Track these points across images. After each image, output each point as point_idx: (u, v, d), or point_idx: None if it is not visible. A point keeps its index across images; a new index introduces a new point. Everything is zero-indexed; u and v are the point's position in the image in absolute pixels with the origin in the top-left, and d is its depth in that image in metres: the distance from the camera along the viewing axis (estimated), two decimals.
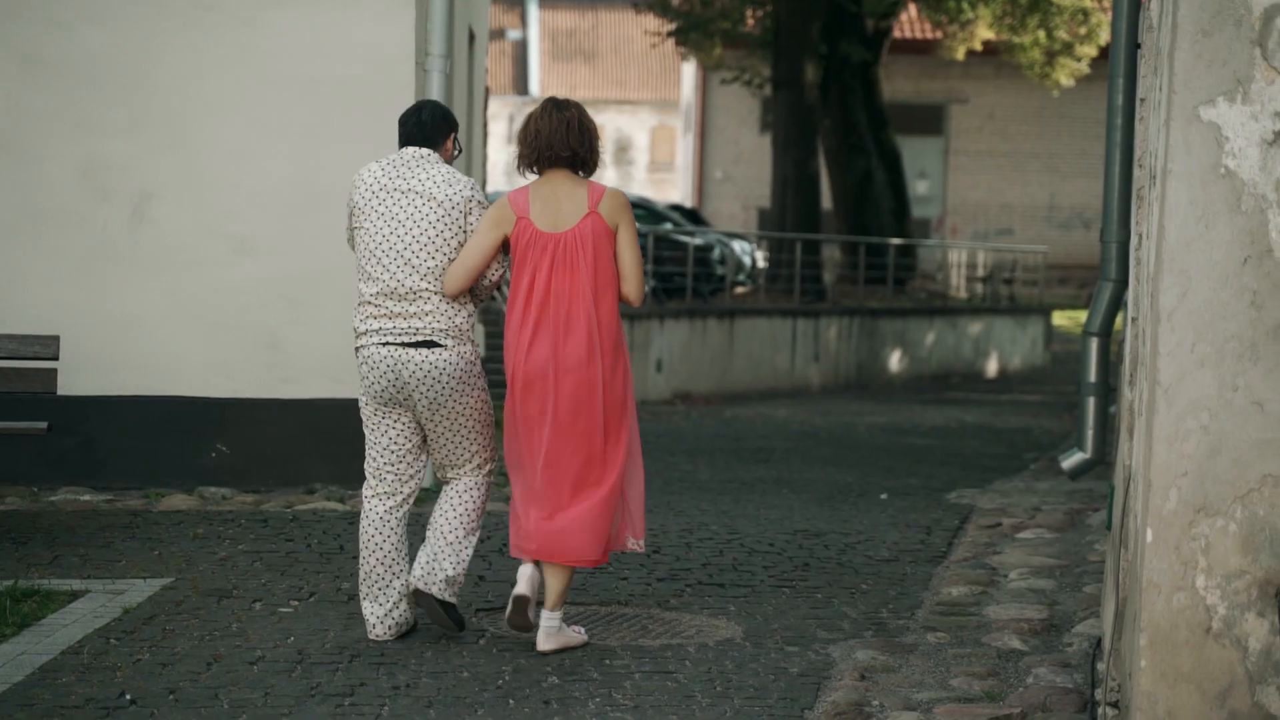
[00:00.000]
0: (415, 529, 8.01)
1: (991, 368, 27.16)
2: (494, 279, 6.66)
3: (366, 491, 6.70)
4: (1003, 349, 27.47)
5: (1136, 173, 5.70)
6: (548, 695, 5.88)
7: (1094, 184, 34.21)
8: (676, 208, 29.54)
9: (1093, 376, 9.67)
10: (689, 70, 42.35)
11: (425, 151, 6.66)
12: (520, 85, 63.05)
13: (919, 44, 36.00)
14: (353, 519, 9.24)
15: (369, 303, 6.58)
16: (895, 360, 25.18)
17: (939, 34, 32.72)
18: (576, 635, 6.63)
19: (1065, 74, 30.39)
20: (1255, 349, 4.18)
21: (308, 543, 8.53)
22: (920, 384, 25.08)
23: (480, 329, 15.53)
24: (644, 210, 29.06)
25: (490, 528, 8.89)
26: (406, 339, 6.49)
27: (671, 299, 22.48)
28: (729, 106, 37.84)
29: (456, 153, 6.84)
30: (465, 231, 6.58)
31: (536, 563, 6.53)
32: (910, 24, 36.33)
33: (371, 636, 6.61)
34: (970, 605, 7.45)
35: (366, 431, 6.68)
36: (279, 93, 10.11)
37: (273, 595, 7.30)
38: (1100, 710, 5.25)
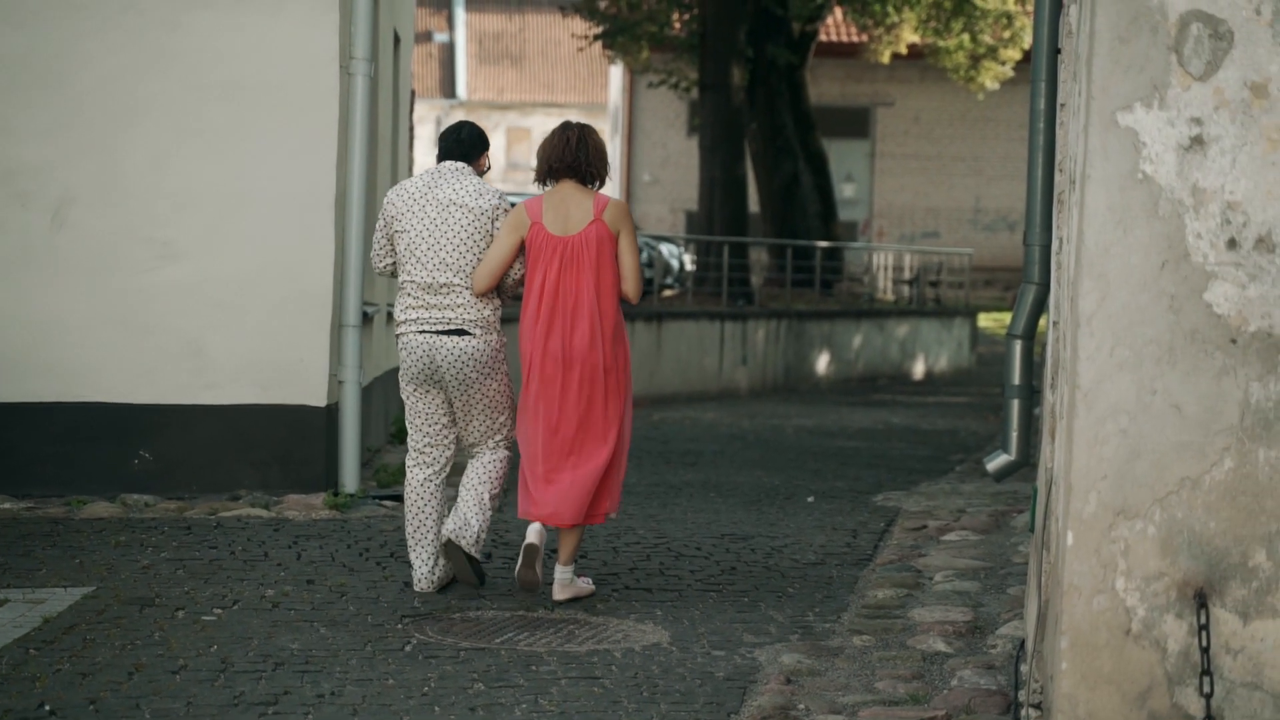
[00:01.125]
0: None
1: (918, 369, 27.29)
2: (516, 277, 7.67)
3: (409, 462, 7.77)
4: (929, 351, 27.61)
5: (1058, 177, 5.74)
6: (474, 702, 5.87)
7: (1019, 187, 34.43)
8: None
9: (1017, 379, 9.74)
10: (616, 73, 42.37)
11: (461, 165, 7.74)
12: (448, 88, 62.89)
13: (845, 47, 36.15)
14: (278, 525, 9.19)
15: (408, 298, 7.63)
16: (823, 363, 25.26)
17: (864, 38, 32.87)
18: (586, 586, 7.66)
19: (989, 77, 30.60)
20: (1173, 353, 4.21)
21: (231, 550, 8.47)
22: (848, 386, 25.17)
23: None
24: None
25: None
26: (440, 327, 7.55)
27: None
28: (656, 109, 37.89)
29: (487, 167, 7.90)
30: (492, 235, 7.62)
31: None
32: (836, 27, 36.47)
33: (417, 589, 7.62)
34: (896, 608, 7.48)
35: (407, 409, 7.73)
36: (202, 96, 10.04)
37: (196, 603, 7.25)
38: (1023, 712, 5.28)
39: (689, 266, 25.15)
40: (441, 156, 7.79)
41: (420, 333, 7.56)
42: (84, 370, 10.00)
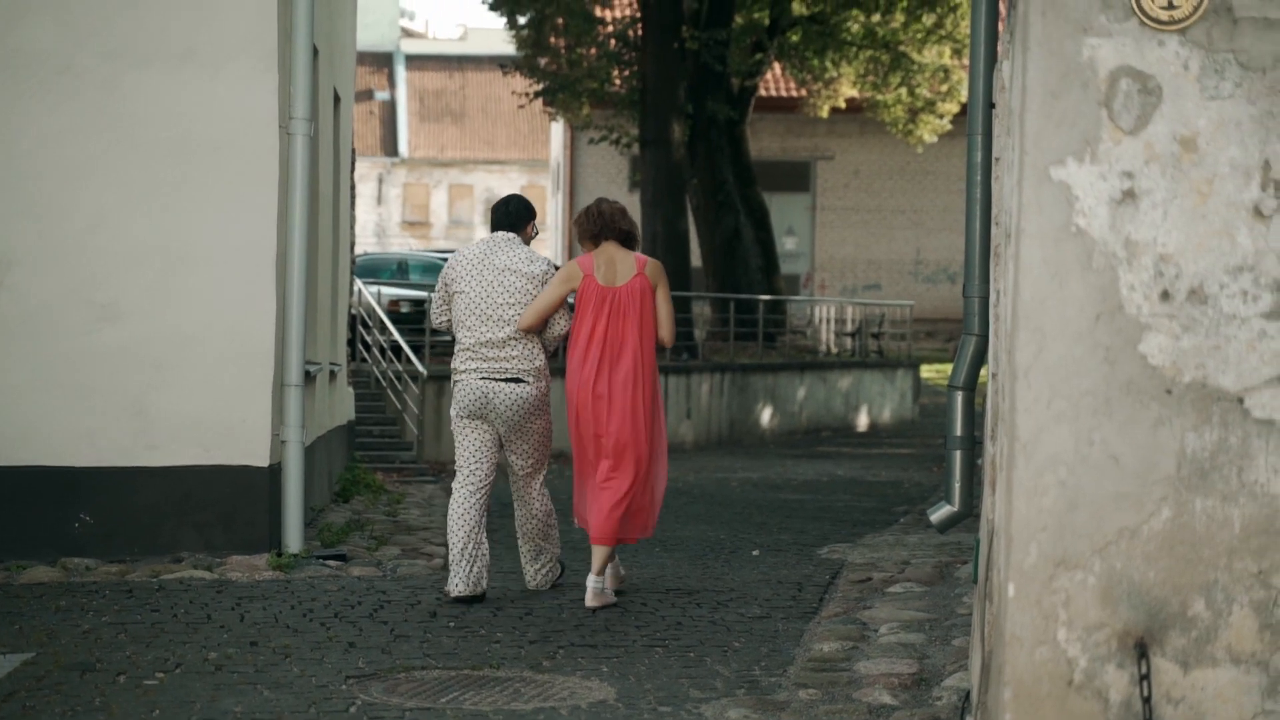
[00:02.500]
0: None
1: (862, 421, 27.39)
2: (559, 332, 8.89)
3: (456, 484, 8.92)
4: (872, 402, 27.72)
5: (994, 230, 5.80)
6: None
7: (959, 239, 34.67)
8: None
9: (959, 430, 9.79)
10: (557, 130, 42.50)
11: (511, 235, 8.94)
12: (389, 146, 62.92)
13: (784, 102, 36.39)
14: (220, 586, 9.13)
15: (467, 350, 8.84)
16: (767, 415, 25.31)
17: (803, 92, 33.10)
18: (613, 595, 8.85)
19: (928, 130, 30.85)
20: (1109, 404, 4.25)
21: (174, 613, 8.41)
22: (792, 439, 25.23)
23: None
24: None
25: (386, 594, 8.82)
26: (499, 375, 8.76)
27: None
28: (598, 165, 38.01)
29: (534, 233, 9.09)
30: None
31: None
32: (775, 83, 36.72)
33: (454, 595, 8.74)
34: (841, 661, 7.49)
35: (456, 440, 8.90)
36: (142, 156, 10.02)
37: (137, 667, 7.19)
38: None
39: None
40: (494, 227, 9.03)
41: (481, 379, 8.78)
42: (24, 433, 9.92)
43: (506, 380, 8.74)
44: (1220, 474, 4.16)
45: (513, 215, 9.02)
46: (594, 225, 8.85)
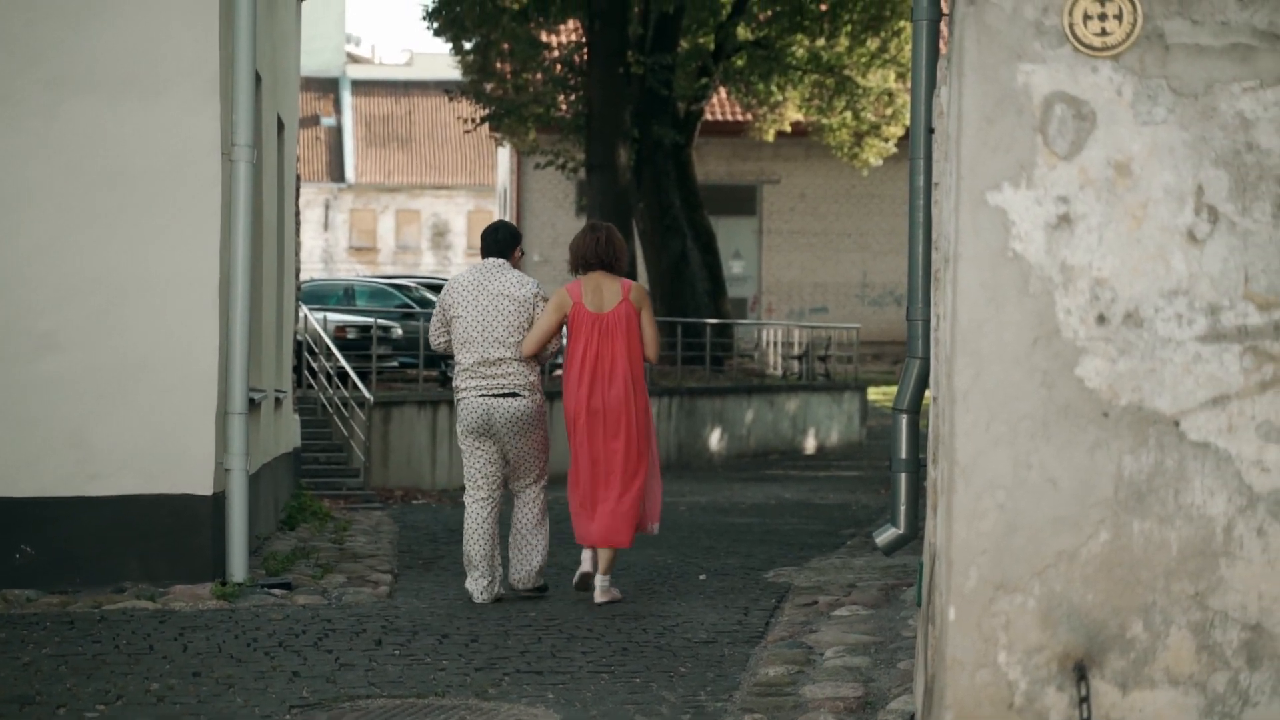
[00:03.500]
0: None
1: (810, 444, 27.44)
2: (553, 350, 9.84)
3: (467, 499, 9.72)
4: (820, 425, 27.78)
5: (934, 254, 5.82)
6: None
7: (905, 261, 34.76)
8: None
9: (904, 453, 9.80)
10: (504, 155, 42.50)
11: (501, 261, 9.75)
12: (336, 171, 62.78)
13: (730, 126, 36.50)
14: (164, 617, 9.07)
15: (467, 369, 9.65)
16: (715, 439, 25.34)
17: (749, 116, 33.22)
18: (618, 593, 9.78)
19: (873, 154, 31.01)
20: (1047, 428, 4.27)
21: (116, 644, 8.34)
22: (740, 462, 25.25)
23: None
24: None
25: (327, 626, 8.77)
26: (496, 391, 9.58)
27: None
28: (544, 190, 38.03)
29: (520, 255, 9.91)
30: (531, 316, 9.65)
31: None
32: (721, 106, 36.82)
33: (476, 602, 9.58)
34: (787, 685, 7.49)
35: (465, 457, 9.74)
36: (82, 184, 9.96)
37: (78, 700, 7.12)
38: None
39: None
40: (484, 254, 9.83)
41: (480, 396, 9.58)
42: None
43: (504, 395, 9.58)
44: (1157, 496, 4.19)
45: (501, 242, 9.81)
46: (581, 256, 9.74)
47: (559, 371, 10.51)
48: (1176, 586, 4.14)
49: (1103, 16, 4.16)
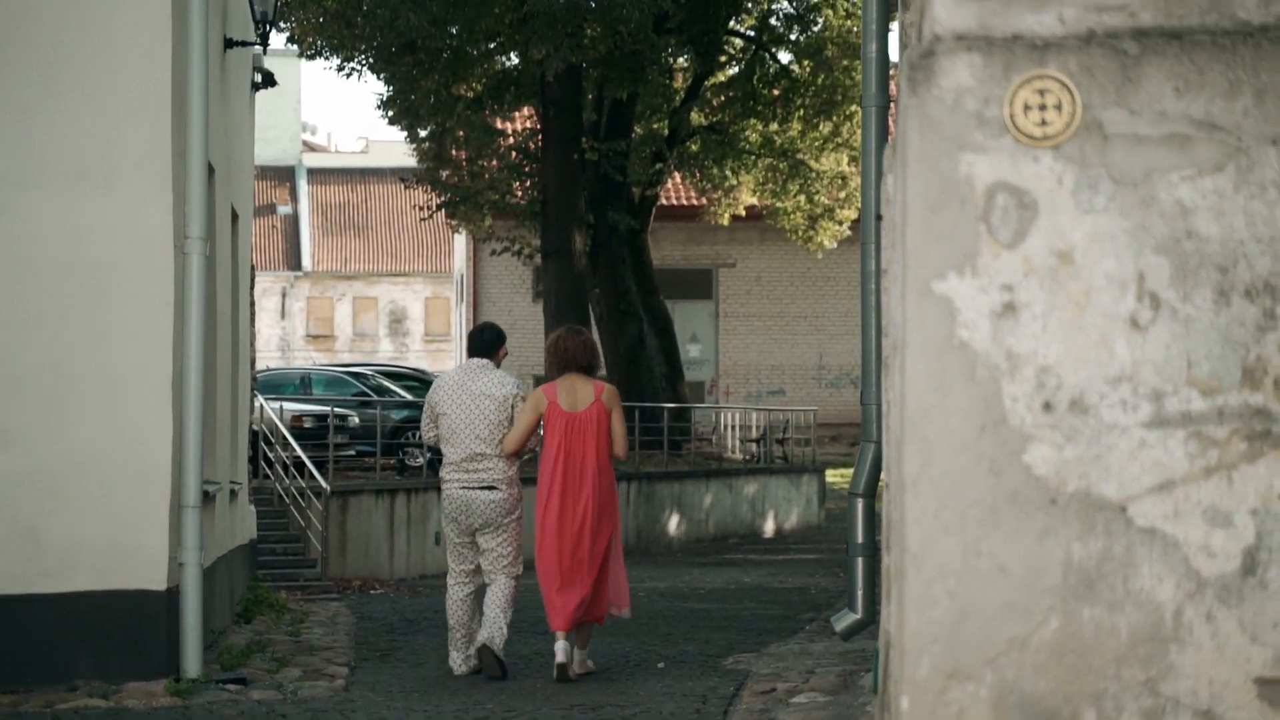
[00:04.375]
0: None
1: (769, 527, 27.41)
2: (532, 446, 10.48)
3: (450, 581, 10.50)
4: (779, 508, 27.76)
5: (885, 340, 5.85)
6: None
7: (860, 343, 34.93)
8: None
9: (860, 537, 9.80)
10: (460, 241, 42.58)
11: (485, 361, 10.47)
12: (292, 260, 62.76)
13: (685, 210, 36.68)
14: (117, 715, 8.97)
15: (453, 464, 10.32)
16: (674, 524, 25.29)
17: (704, 201, 33.40)
18: (593, 665, 10.58)
19: (828, 237, 31.19)
20: (996, 514, 4.28)
21: None
22: (700, 546, 25.20)
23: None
24: (418, 382, 29.00)
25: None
26: (476, 485, 10.27)
27: None
28: (501, 276, 38.08)
29: (503, 354, 10.64)
30: (511, 414, 10.34)
31: (565, 636, 10.11)
32: (676, 191, 37.01)
33: (456, 674, 10.32)
34: None
35: (447, 542, 10.48)
36: (33, 278, 9.93)
37: None
38: None
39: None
40: (470, 354, 10.59)
41: (462, 488, 10.28)
42: None
43: (483, 488, 10.25)
44: (1106, 583, 4.20)
45: (487, 343, 10.57)
46: (559, 359, 10.42)
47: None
48: (1128, 673, 4.15)
49: (1042, 107, 4.21)
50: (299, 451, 19.45)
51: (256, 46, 14.58)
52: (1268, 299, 4.15)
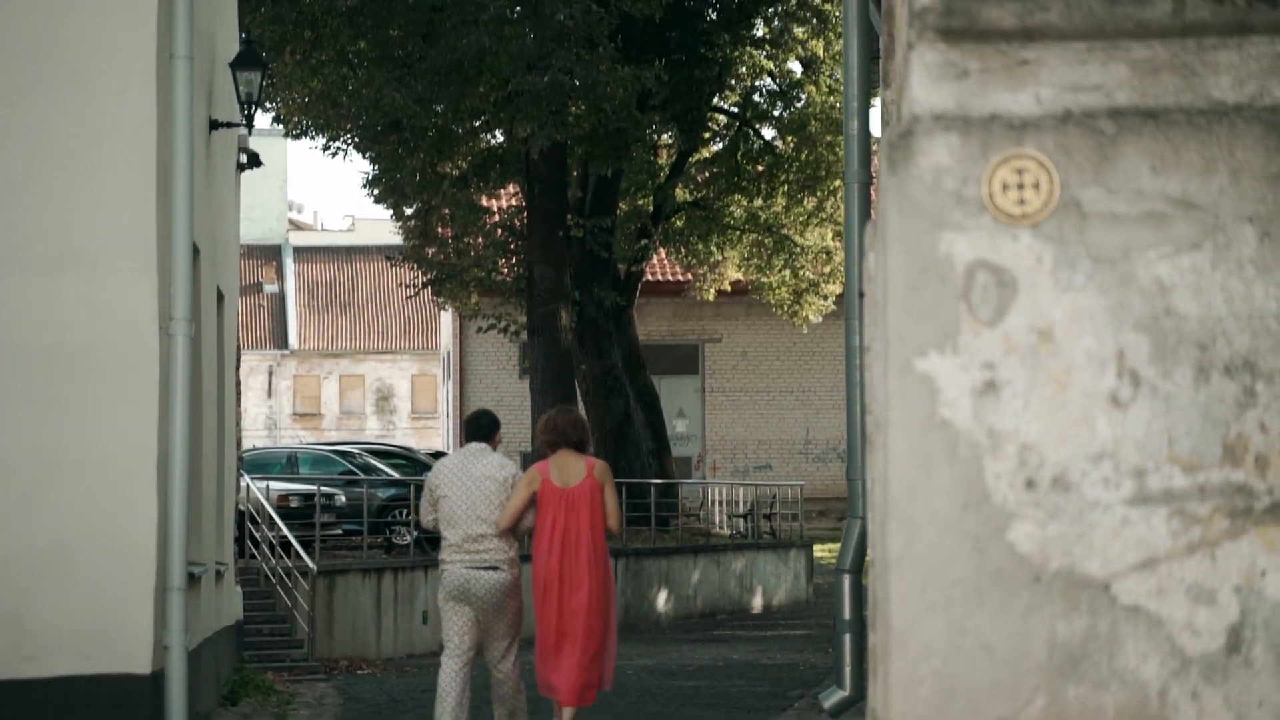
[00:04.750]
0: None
1: (757, 603, 27.32)
2: (528, 525, 10.53)
3: (445, 656, 10.56)
4: (767, 584, 27.68)
5: (867, 418, 5.85)
6: None
7: (846, 417, 34.93)
8: (439, 455, 29.45)
9: (847, 614, 9.77)
10: (447, 318, 42.62)
11: (483, 446, 10.68)
12: (279, 338, 62.76)
13: (671, 286, 36.76)
14: None
15: (453, 545, 10.43)
16: (662, 600, 25.20)
17: (689, 276, 33.49)
18: None
19: (813, 311, 31.26)
20: (980, 593, 4.27)
21: None
22: (688, 623, 25.10)
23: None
24: (404, 460, 28.95)
25: None
26: (478, 565, 10.39)
27: (435, 549, 22.28)
28: (487, 353, 38.11)
29: (499, 439, 10.82)
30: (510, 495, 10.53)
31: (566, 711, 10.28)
32: (661, 267, 37.10)
33: None
34: None
35: (443, 619, 10.54)
36: (18, 362, 9.92)
37: None
38: None
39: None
40: (467, 439, 10.85)
41: (465, 568, 10.38)
42: None
43: (485, 569, 10.38)
44: (1091, 661, 4.18)
45: (484, 428, 10.83)
46: (551, 437, 10.64)
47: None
48: None
49: (1020, 186, 4.23)
50: (285, 531, 19.39)
51: (242, 128, 14.63)
52: (1247, 376, 4.17)
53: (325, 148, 27.36)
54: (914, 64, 4.44)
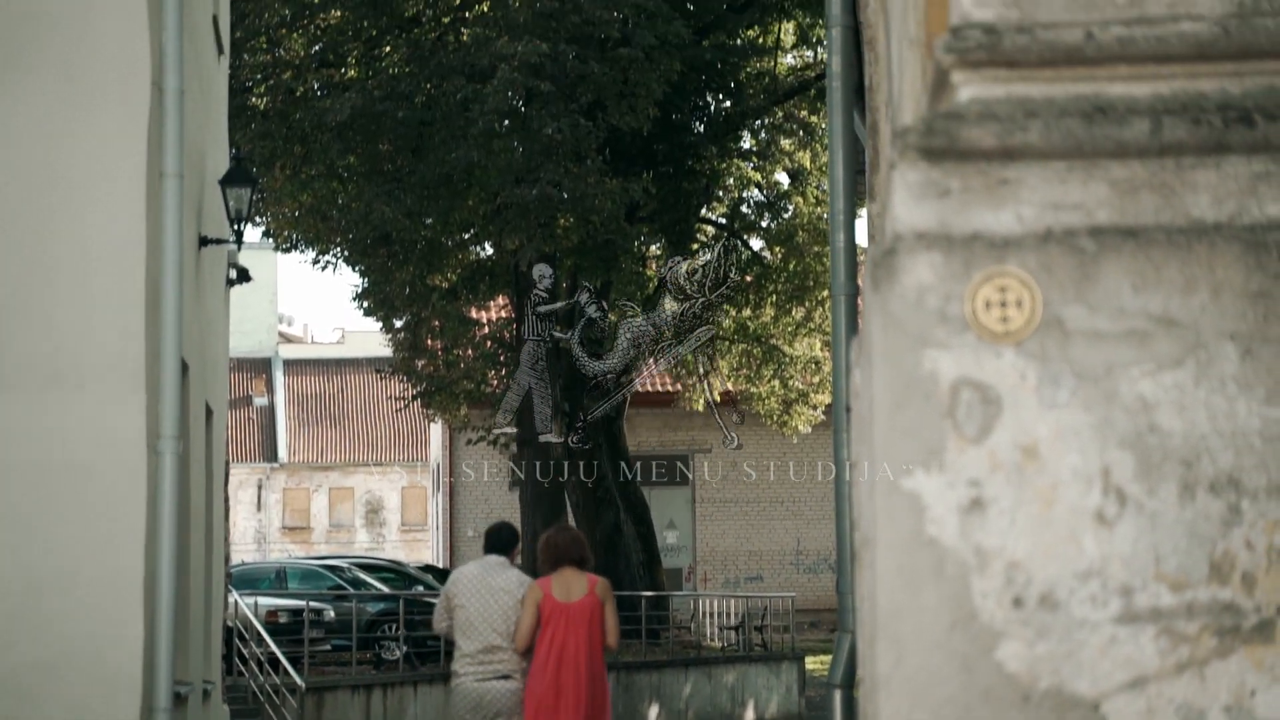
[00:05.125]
0: None
1: (749, 716, 27.11)
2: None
3: None
4: (759, 697, 27.49)
5: (856, 534, 5.84)
6: None
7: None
8: (429, 568, 29.37)
9: None
10: (436, 430, 42.59)
11: (502, 559, 10.91)
12: (269, 451, 62.64)
13: (660, 396, 36.77)
14: None
15: (467, 656, 10.66)
16: (653, 714, 25.01)
17: (679, 386, 33.51)
18: None
19: (802, 421, 31.27)
20: (969, 713, 4.25)
21: None
22: None
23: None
24: (394, 574, 28.84)
25: None
26: (492, 676, 10.62)
27: (425, 664, 22.15)
28: (477, 465, 38.03)
29: (518, 552, 11.14)
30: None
31: None
32: (650, 377, 37.14)
33: None
34: None
35: None
36: (4, 480, 9.89)
37: None
38: None
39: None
40: (487, 550, 11.00)
41: (475, 681, 10.61)
42: None
43: (498, 678, 10.61)
44: None
45: (504, 541, 11.04)
46: (553, 554, 10.78)
47: None
48: None
49: (1003, 304, 4.25)
50: (273, 647, 19.26)
51: (232, 244, 14.69)
52: (1232, 493, 4.17)
53: (315, 261, 27.44)
54: (896, 183, 4.48)
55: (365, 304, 28.33)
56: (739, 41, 28.35)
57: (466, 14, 26.23)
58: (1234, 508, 4.14)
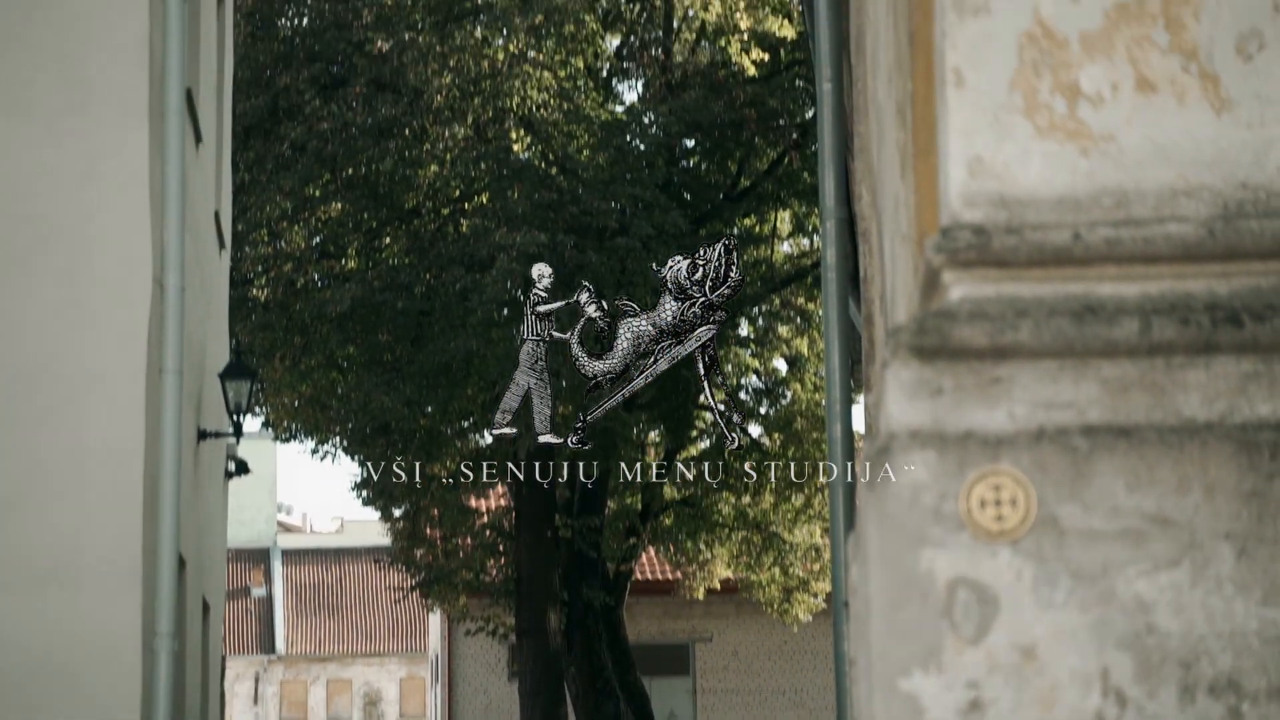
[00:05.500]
0: None
1: None
2: None
3: None
4: None
5: None
6: None
7: None
8: None
9: None
10: (435, 620, 42.28)
11: None
12: (266, 643, 62.10)
13: (660, 585, 36.54)
14: None
15: None
16: None
17: (679, 575, 33.32)
18: None
19: (803, 610, 31.06)
20: None
21: None
22: None
23: None
24: None
25: None
26: None
27: None
28: (476, 655, 37.70)
29: None
30: None
31: None
32: (650, 566, 36.94)
33: None
34: None
35: None
36: None
37: None
38: None
39: None
40: None
41: None
42: None
43: None
44: None
45: None
46: None
47: None
48: None
49: (998, 502, 4.26)
50: None
51: (231, 437, 14.71)
52: (1232, 696, 4.14)
53: (314, 451, 27.46)
54: (889, 381, 4.51)
55: (364, 494, 28.29)
56: (736, 230, 28.63)
57: (466, 205, 26.51)
58: (1234, 711, 4.11)
